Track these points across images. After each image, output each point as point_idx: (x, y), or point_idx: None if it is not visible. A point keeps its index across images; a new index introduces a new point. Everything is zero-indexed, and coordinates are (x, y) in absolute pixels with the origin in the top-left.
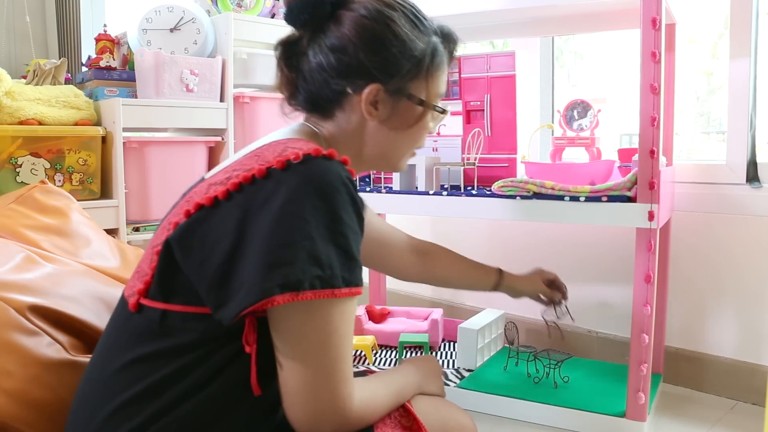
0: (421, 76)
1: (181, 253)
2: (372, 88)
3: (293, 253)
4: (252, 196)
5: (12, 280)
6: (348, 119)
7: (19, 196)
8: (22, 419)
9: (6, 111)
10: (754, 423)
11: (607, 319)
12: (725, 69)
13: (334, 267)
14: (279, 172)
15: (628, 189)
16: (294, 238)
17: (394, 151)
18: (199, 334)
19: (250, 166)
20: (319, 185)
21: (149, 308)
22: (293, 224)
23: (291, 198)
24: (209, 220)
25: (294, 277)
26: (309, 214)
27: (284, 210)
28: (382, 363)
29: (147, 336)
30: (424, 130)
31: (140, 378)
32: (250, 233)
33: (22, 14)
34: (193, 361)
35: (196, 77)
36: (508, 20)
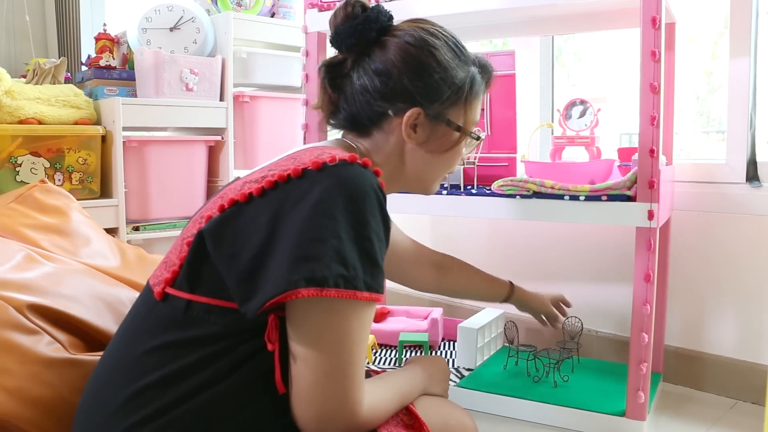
0: (460, 104)
1: (213, 244)
2: (413, 112)
3: (321, 250)
4: (286, 194)
5: (12, 279)
6: (386, 140)
7: (19, 196)
8: (22, 417)
9: (6, 110)
10: (753, 422)
11: (606, 318)
12: (725, 68)
13: (357, 269)
14: (314, 173)
15: (628, 188)
16: (323, 235)
17: (428, 173)
18: (222, 327)
19: (286, 166)
20: (351, 188)
21: (175, 297)
22: (323, 222)
23: (323, 197)
24: (243, 215)
25: (320, 273)
26: (340, 214)
27: (316, 208)
28: (382, 362)
29: (170, 324)
30: (458, 155)
31: (161, 365)
32: (281, 229)
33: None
34: (214, 353)
35: (196, 76)
36: (508, 19)
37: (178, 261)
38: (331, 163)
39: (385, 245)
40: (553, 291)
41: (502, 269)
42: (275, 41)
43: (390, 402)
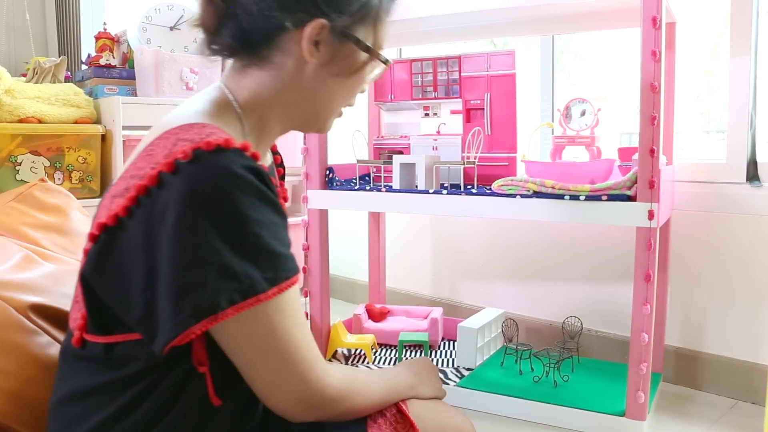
0: (369, 21)
1: (101, 288)
2: (317, 24)
3: (201, 274)
4: (150, 210)
5: (12, 279)
6: (282, 63)
7: (19, 194)
8: (20, 419)
9: (6, 109)
10: (753, 422)
11: (606, 318)
12: (725, 68)
13: (252, 273)
14: (169, 177)
15: (628, 188)
16: (198, 256)
17: (326, 104)
18: (148, 360)
19: (143, 171)
20: (213, 187)
21: (92, 343)
22: (193, 241)
23: (183, 210)
24: (118, 244)
25: (207, 301)
26: (208, 223)
27: (179, 225)
28: (382, 362)
29: (96, 369)
30: (362, 82)
31: (96, 410)
32: (156, 257)
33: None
34: (147, 387)
35: (196, 75)
36: (508, 19)
37: (82, 304)
38: (184, 159)
39: (280, 223)
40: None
41: (502, 269)
42: None
43: (373, 383)
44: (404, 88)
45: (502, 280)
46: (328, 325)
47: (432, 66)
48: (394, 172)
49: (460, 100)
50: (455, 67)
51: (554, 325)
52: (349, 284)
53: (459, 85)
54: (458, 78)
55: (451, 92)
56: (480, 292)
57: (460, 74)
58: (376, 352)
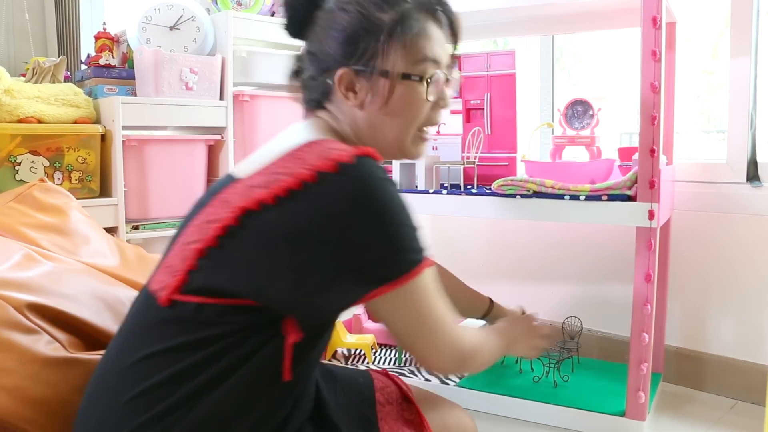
0: (392, 49)
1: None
2: (341, 73)
3: (375, 252)
4: (310, 201)
5: (11, 278)
6: (341, 111)
7: (19, 195)
8: (21, 416)
9: (5, 109)
10: (754, 422)
11: (607, 318)
12: (726, 68)
13: (417, 247)
14: (331, 176)
15: (628, 188)
16: (372, 238)
17: (393, 133)
18: (232, 326)
19: (292, 170)
20: (377, 183)
21: (183, 303)
22: (369, 225)
23: (357, 200)
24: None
25: (387, 271)
26: (380, 210)
27: (356, 212)
28: (382, 362)
29: (178, 329)
30: (416, 103)
31: (168, 365)
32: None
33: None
34: (222, 349)
35: (196, 75)
36: (509, 19)
37: (184, 267)
38: (348, 162)
39: None
40: (556, 314)
41: (502, 269)
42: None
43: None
44: None
45: (502, 280)
46: None
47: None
48: (394, 172)
49: (460, 100)
50: (455, 66)
51: (554, 324)
52: None
53: (459, 84)
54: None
55: None
56: (480, 291)
57: (460, 74)
58: (376, 352)
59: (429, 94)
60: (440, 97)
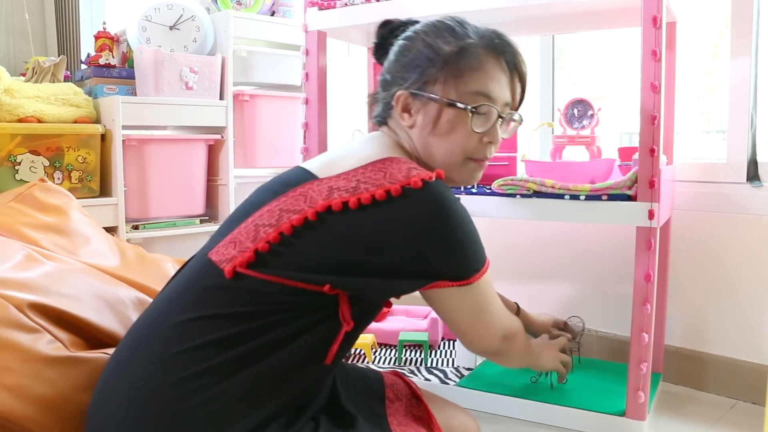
0: (448, 77)
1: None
2: (399, 94)
3: (460, 254)
4: (392, 210)
5: (12, 278)
6: (400, 131)
7: (19, 194)
8: (22, 415)
9: (5, 108)
10: (754, 422)
11: (607, 318)
12: (726, 68)
13: (472, 258)
14: (414, 191)
15: (629, 188)
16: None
17: (444, 158)
18: (289, 304)
19: (378, 181)
20: (452, 198)
21: (248, 277)
22: (453, 234)
23: (442, 214)
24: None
25: (470, 268)
26: (458, 221)
27: (443, 224)
28: (382, 362)
29: (238, 300)
30: (466, 132)
31: (221, 329)
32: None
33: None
34: (275, 322)
35: (196, 75)
36: (509, 18)
37: (254, 246)
38: (429, 180)
39: None
40: (556, 314)
41: (502, 268)
42: (275, 40)
43: (522, 331)
44: None
45: (502, 280)
46: None
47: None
48: None
49: None
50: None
51: None
52: None
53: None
54: None
55: None
56: None
57: None
58: (376, 352)
59: (474, 125)
60: (488, 132)
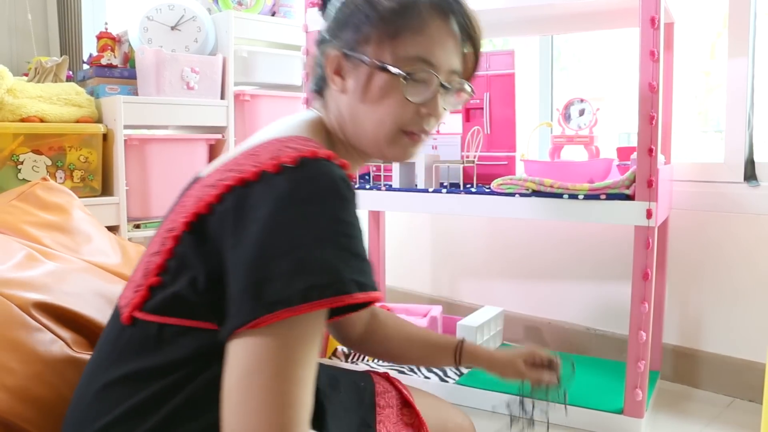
0: (383, 37)
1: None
2: (332, 54)
3: (281, 266)
4: (242, 200)
5: (14, 277)
6: (334, 98)
7: (21, 193)
8: (24, 416)
9: (8, 108)
10: (751, 420)
11: (604, 316)
12: (723, 68)
13: (337, 272)
14: (271, 176)
15: (627, 187)
16: (284, 249)
17: (373, 129)
18: (194, 350)
19: (244, 167)
20: (313, 190)
21: (144, 322)
22: (283, 234)
23: (282, 206)
24: (210, 228)
25: (281, 294)
26: (301, 220)
27: (275, 219)
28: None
29: (140, 350)
30: (399, 101)
31: (128, 396)
32: (243, 243)
33: (23, 12)
34: (187, 376)
35: (197, 75)
36: (508, 19)
37: (146, 282)
38: (290, 163)
39: (363, 238)
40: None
41: (501, 267)
42: (276, 40)
43: None
44: None
45: (501, 279)
46: None
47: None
48: (394, 171)
49: None
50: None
51: (553, 323)
52: None
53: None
54: None
55: None
56: (479, 290)
57: None
58: None
59: (408, 93)
60: (426, 103)
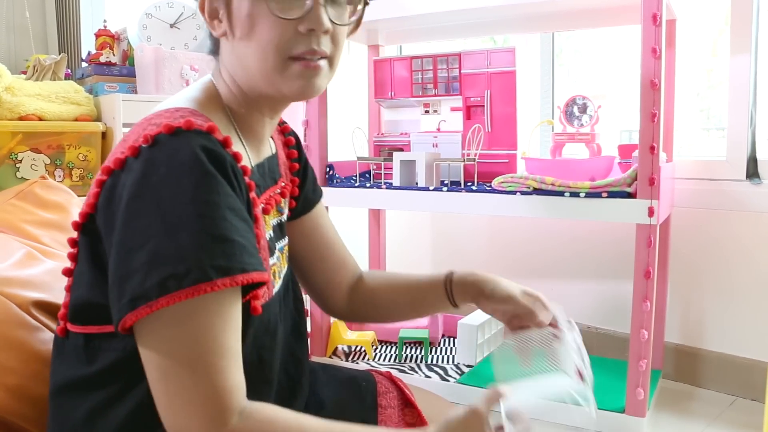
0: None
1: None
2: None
3: (138, 260)
4: (111, 194)
5: (13, 276)
6: (224, 51)
7: (20, 192)
8: (23, 415)
9: (6, 106)
10: (753, 419)
11: (606, 315)
12: (725, 65)
13: (194, 258)
14: (132, 161)
15: (628, 185)
16: (139, 241)
17: (259, 66)
18: (119, 356)
19: (114, 156)
20: (165, 170)
21: (74, 333)
22: (137, 224)
23: (133, 194)
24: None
25: (139, 289)
26: (153, 206)
27: (128, 209)
28: (382, 358)
29: (77, 362)
30: (267, 22)
31: (77, 406)
32: (112, 238)
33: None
34: (122, 388)
35: (196, 73)
36: (509, 16)
37: (66, 292)
38: (145, 144)
39: (238, 214)
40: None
41: (502, 266)
42: None
43: None
44: (404, 86)
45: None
46: (329, 322)
47: (432, 63)
48: (395, 169)
49: (460, 97)
50: (455, 64)
51: (553, 322)
52: None
53: (459, 82)
54: (458, 75)
55: (452, 89)
56: None
57: (461, 71)
58: (376, 349)
59: (277, 10)
60: (303, 18)
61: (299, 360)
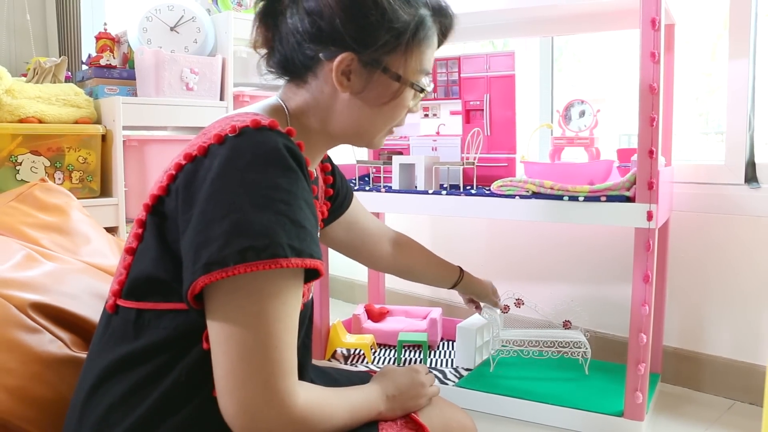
0: (401, 50)
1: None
2: (344, 57)
3: (220, 229)
4: (193, 175)
5: (13, 278)
6: (321, 88)
7: (20, 194)
8: (23, 416)
9: (6, 109)
10: (751, 423)
11: (605, 319)
12: (724, 69)
13: (273, 235)
14: (216, 147)
15: (627, 189)
16: (222, 212)
17: (367, 127)
18: (173, 330)
19: (194, 145)
20: (252, 157)
21: (125, 309)
22: (223, 198)
23: (220, 172)
24: (167, 209)
25: (217, 255)
26: (240, 185)
27: (214, 185)
28: (382, 362)
29: (122, 337)
30: (402, 107)
31: (118, 383)
32: (191, 213)
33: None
34: (168, 361)
35: (196, 76)
36: (508, 20)
37: (124, 270)
38: (232, 134)
39: (310, 207)
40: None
41: (501, 270)
42: None
43: (337, 408)
44: None
45: (501, 281)
46: (328, 325)
47: (431, 67)
48: (394, 173)
49: (459, 101)
50: (455, 68)
51: (552, 325)
52: (348, 284)
53: (458, 86)
54: (458, 79)
55: (451, 93)
56: None
57: (460, 75)
58: (376, 352)
59: (412, 102)
60: (414, 106)
61: (303, 366)
